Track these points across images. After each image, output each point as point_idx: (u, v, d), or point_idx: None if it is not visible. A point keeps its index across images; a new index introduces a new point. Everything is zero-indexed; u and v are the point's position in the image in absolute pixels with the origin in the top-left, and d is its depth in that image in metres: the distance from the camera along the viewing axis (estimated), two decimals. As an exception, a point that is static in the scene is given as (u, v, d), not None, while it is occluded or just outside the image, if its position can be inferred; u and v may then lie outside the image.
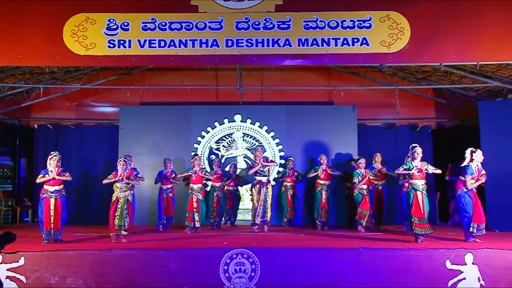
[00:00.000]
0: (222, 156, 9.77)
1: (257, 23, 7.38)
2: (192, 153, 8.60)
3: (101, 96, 10.38)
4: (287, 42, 7.43)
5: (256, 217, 7.78)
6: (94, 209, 10.03)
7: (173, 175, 8.57)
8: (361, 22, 7.30)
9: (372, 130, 10.37)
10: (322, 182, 8.54)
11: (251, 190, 8.02)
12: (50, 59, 7.24)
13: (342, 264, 5.78)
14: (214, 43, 7.43)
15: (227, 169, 9.34)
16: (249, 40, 7.40)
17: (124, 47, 7.28)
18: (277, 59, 7.56)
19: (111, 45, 7.24)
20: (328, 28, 7.40)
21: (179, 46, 7.45)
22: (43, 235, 6.63)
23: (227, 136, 9.90)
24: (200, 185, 8.05)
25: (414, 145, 6.98)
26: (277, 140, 9.85)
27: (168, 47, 7.43)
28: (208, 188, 8.83)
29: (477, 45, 7.01)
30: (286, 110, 9.97)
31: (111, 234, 6.69)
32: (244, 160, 9.78)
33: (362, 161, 8.30)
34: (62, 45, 7.03)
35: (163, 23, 7.34)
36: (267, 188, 7.85)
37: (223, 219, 8.95)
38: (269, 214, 7.85)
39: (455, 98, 10.33)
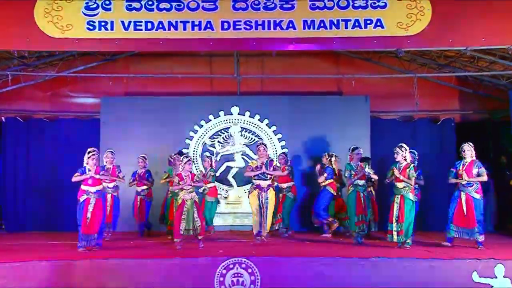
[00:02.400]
0: (218, 153, 9.76)
1: (256, 2, 7.36)
2: (174, 153, 8.47)
3: (80, 85, 10.32)
4: (290, 25, 7.41)
5: (259, 227, 7.37)
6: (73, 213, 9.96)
7: (147, 175, 8.55)
8: (375, 1, 7.29)
9: (386, 123, 10.35)
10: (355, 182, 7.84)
11: (248, 195, 7.67)
12: (20, 42, 7.21)
13: (353, 275, 5.79)
14: (208, 25, 7.41)
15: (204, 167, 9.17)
16: (247, 22, 7.38)
17: (106, 29, 7.26)
18: (279, 43, 7.55)
19: (91, 27, 7.22)
20: (337, 8, 7.38)
21: (169, 29, 7.43)
22: (82, 241, 6.72)
23: (223, 131, 9.88)
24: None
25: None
26: (279, 136, 9.83)
27: (156, 29, 7.41)
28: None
29: (509, 27, 6.97)
30: (289, 102, 9.95)
31: (175, 240, 6.83)
32: (242, 158, 9.77)
33: (360, 151, 7.87)
34: (34, 26, 7.00)
35: (150, 2, 7.32)
36: (267, 194, 7.40)
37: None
38: (268, 224, 7.46)
39: (483, 87, 10.30)
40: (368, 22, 7.31)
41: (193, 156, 9.74)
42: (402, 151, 7.18)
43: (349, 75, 9.82)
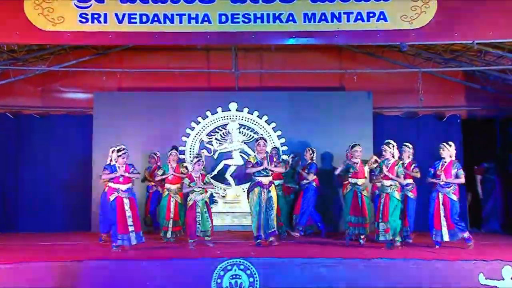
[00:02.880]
0: (215, 150, 9.75)
1: (255, -6, 7.33)
2: (169, 149, 8.40)
3: (72, 80, 10.30)
4: (290, 18, 7.39)
5: (259, 229, 7.15)
6: (65, 213, 9.97)
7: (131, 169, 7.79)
8: (378, -7, 7.25)
9: (390, 120, 10.35)
10: (353, 180, 7.83)
11: (247, 194, 7.49)
12: (9, 35, 7.18)
13: (354, 277, 5.79)
14: (205, 18, 7.39)
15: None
16: (246, 15, 7.36)
17: (99, 22, 7.24)
18: (279, 37, 7.54)
19: (83, 20, 7.19)
20: (339, 1, 7.36)
21: (164, 22, 7.41)
22: (118, 240, 6.75)
23: (220, 128, 9.88)
24: (178, 185, 7.94)
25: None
26: (278, 133, 9.82)
27: (151, 22, 7.39)
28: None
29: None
30: (289, 98, 9.95)
31: (190, 241, 6.92)
32: (240, 156, 9.76)
33: (358, 148, 7.85)
34: (23, 19, 6.97)
35: (145, -6, 7.28)
36: (269, 191, 7.29)
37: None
38: (275, 223, 7.26)
39: (491, 83, 10.29)
40: (371, 15, 7.30)
41: (190, 154, 9.74)
42: (390, 148, 7.23)
43: (352, 70, 9.80)
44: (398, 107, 10.56)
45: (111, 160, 7.36)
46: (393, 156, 7.23)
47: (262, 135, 9.26)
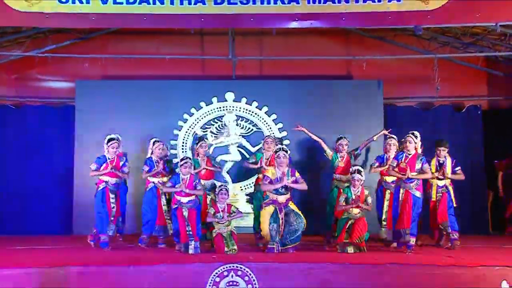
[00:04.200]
0: (210, 145, 9.73)
1: (254, -28, 7.30)
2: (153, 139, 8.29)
3: (51, 67, 10.29)
4: (293, -2, 7.37)
5: (274, 236, 6.89)
6: (42, 215, 9.93)
7: (122, 161, 7.64)
8: (390, -29, 7.23)
9: (403, 111, 10.36)
10: (337, 177, 8.01)
11: (257, 210, 7.35)
12: (-21, 16, 7.14)
13: (364, 283, 5.79)
14: (199, -2, 7.37)
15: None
16: (244, -5, 7.34)
17: (81, 2, 7.21)
18: (280, 20, 7.52)
19: (63, 0, 7.15)
20: (347, -21, 7.33)
21: (154, 3, 7.40)
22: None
23: (216, 120, 9.89)
24: (213, 181, 7.93)
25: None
26: (280, 125, 9.82)
27: (140, 3, 7.38)
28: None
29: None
30: (291, 87, 9.96)
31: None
32: (238, 150, 9.76)
33: (344, 141, 7.94)
34: (-4, -2, 6.94)
35: (132, -29, 7.25)
36: (287, 209, 6.97)
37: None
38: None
39: (516, 70, 10.32)
40: (382, -6, 7.27)
41: (183, 149, 9.73)
42: (415, 140, 7.29)
43: (360, 56, 9.83)
44: (412, 97, 10.58)
45: (152, 153, 7.74)
46: (416, 150, 7.23)
47: (281, 144, 8.08)
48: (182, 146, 9.78)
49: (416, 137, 7.36)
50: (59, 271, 5.78)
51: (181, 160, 7.22)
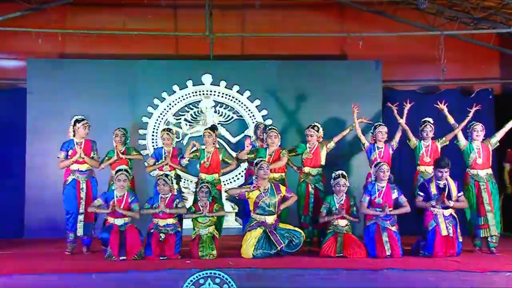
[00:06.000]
0: (185, 135, 9.71)
1: None
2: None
3: (-2, 43, 10.19)
4: (280, -35, 7.35)
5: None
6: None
7: (93, 150, 7.59)
8: None
9: (404, 95, 10.25)
10: (307, 170, 7.93)
11: (243, 231, 7.22)
12: None
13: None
14: (171, -36, 7.33)
15: None
16: (223, -40, 7.29)
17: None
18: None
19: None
20: None
21: (118, -31, 7.34)
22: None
23: (191, 106, 9.90)
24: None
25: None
26: (264, 112, 9.84)
27: (102, -31, 7.30)
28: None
29: None
30: (277, 68, 9.98)
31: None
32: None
33: (310, 132, 7.92)
34: None
35: None
36: (275, 228, 6.98)
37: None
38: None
39: (533, 49, 10.41)
40: (382, -38, 7.29)
41: (153, 139, 9.69)
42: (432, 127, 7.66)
43: (356, 33, 9.84)
44: (414, 80, 10.67)
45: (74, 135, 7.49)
46: (389, 179, 7.25)
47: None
48: (152, 135, 9.72)
49: (432, 124, 7.73)
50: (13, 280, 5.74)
51: (157, 178, 7.25)
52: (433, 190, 7.08)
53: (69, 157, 7.35)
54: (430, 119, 7.95)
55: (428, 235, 6.95)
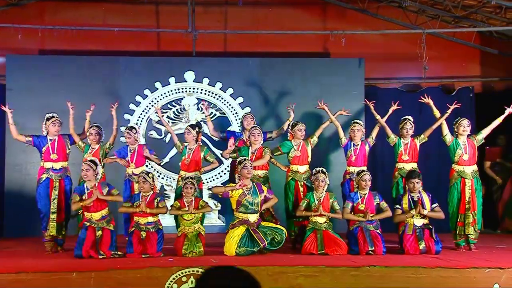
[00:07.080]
0: (167, 132, 9.69)
1: None
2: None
3: (-25, 38, 10.08)
4: (263, -39, 7.36)
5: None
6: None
7: (66, 145, 7.71)
8: None
9: (386, 93, 10.43)
10: (294, 168, 8.01)
11: (226, 230, 7.28)
12: None
13: (341, 288, 5.87)
14: (153, -40, 7.31)
15: None
16: (205, -43, 7.29)
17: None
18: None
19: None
20: None
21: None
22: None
23: (174, 103, 9.90)
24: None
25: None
26: (247, 109, 9.82)
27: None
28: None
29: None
30: (260, 65, 10.00)
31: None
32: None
33: (302, 127, 8.02)
34: None
35: None
36: (264, 229, 7.02)
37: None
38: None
39: (513, 47, 10.51)
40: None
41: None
42: (412, 125, 7.80)
43: (339, 31, 9.86)
44: (397, 77, 10.72)
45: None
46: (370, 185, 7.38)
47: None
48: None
49: (412, 122, 7.84)
50: None
51: (138, 176, 7.25)
52: (405, 205, 7.19)
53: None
54: (410, 117, 8.00)
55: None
